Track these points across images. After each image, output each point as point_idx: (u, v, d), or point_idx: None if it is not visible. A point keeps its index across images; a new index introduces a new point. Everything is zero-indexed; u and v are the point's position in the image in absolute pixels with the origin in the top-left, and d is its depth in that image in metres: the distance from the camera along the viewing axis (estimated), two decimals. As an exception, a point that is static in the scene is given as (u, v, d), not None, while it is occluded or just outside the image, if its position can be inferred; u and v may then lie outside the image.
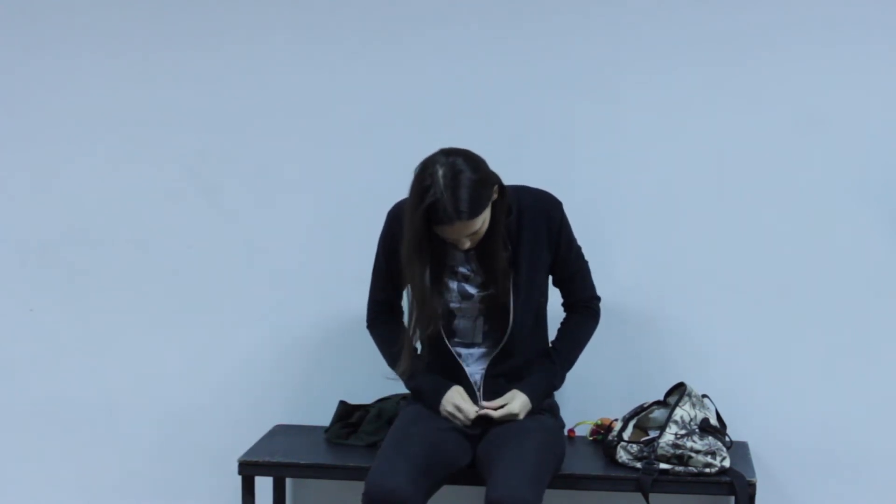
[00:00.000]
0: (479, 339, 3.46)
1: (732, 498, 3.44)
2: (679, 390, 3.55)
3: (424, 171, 3.18)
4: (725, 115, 3.72)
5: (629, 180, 3.77)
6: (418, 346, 3.43)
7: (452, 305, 3.42)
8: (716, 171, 3.74)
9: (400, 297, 3.51)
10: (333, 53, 3.84)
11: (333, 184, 3.87)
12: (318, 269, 3.89)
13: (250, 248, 3.92)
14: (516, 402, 3.39)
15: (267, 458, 3.55)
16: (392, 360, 3.48)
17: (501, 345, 3.41)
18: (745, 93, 3.71)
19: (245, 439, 3.77)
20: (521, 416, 3.39)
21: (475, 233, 3.24)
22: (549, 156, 3.76)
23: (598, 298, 3.54)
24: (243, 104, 3.89)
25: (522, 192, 3.40)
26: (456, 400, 3.39)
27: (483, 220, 3.23)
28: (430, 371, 3.45)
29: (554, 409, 3.53)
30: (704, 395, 3.60)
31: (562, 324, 3.54)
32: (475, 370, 3.46)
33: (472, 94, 3.79)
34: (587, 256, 3.50)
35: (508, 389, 3.43)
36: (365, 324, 3.58)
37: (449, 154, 3.20)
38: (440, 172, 3.15)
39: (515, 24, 3.77)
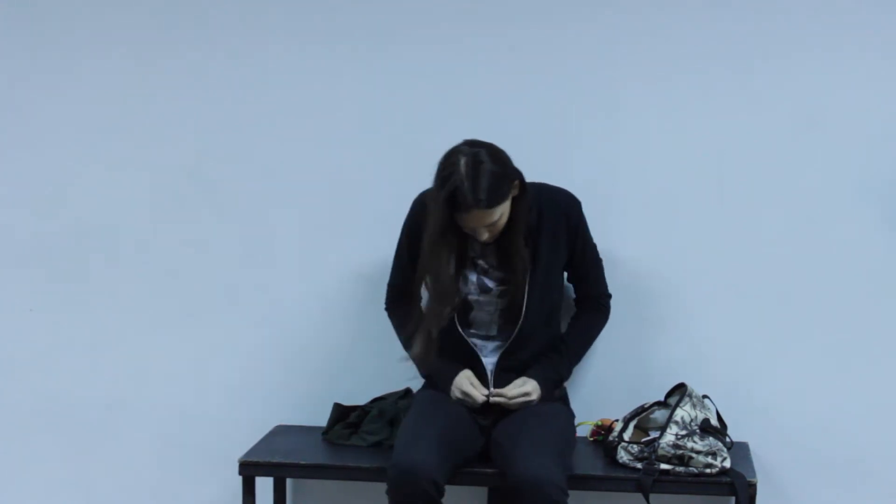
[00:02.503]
0: (493, 332, 3.50)
1: (733, 498, 3.44)
2: (680, 391, 3.55)
3: (447, 160, 3.28)
4: (726, 116, 3.72)
5: (629, 181, 3.77)
6: (434, 331, 3.44)
7: (471, 297, 3.46)
8: (716, 172, 3.74)
9: (418, 284, 3.52)
10: (332, 53, 3.83)
11: (333, 184, 3.86)
12: (318, 269, 3.89)
13: (250, 249, 3.92)
14: (528, 384, 3.44)
15: (267, 459, 3.55)
16: (407, 343, 3.53)
17: (511, 340, 3.45)
18: (746, 93, 3.71)
19: (245, 439, 3.77)
20: (535, 397, 3.43)
21: (494, 224, 3.30)
22: (549, 157, 3.75)
23: (609, 296, 3.60)
24: (243, 105, 3.88)
25: (542, 189, 3.47)
26: (464, 386, 3.44)
27: (502, 213, 3.29)
28: (444, 355, 3.49)
29: (565, 399, 3.59)
30: (705, 396, 3.60)
31: (572, 319, 3.60)
32: (488, 362, 3.50)
33: (471, 94, 3.78)
34: (589, 256, 3.52)
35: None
36: (383, 306, 3.66)
37: (473, 145, 3.30)
38: (462, 161, 3.24)
39: (515, 26, 3.76)
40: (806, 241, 3.72)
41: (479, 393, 3.43)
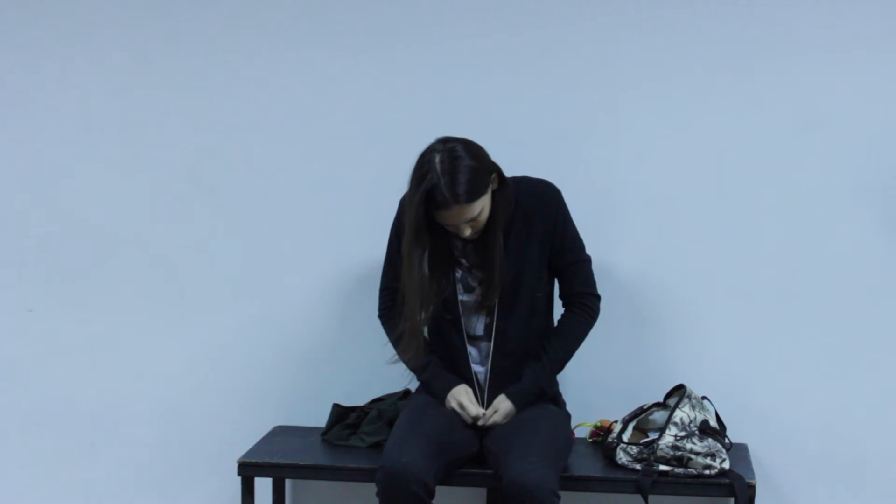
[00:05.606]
0: (480, 331, 3.48)
1: (732, 500, 3.43)
2: (679, 392, 3.55)
3: (423, 158, 3.25)
4: (726, 116, 3.72)
5: (629, 181, 3.76)
6: (425, 333, 3.44)
7: (460, 298, 3.44)
8: (716, 172, 3.74)
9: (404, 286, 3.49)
10: (332, 55, 3.83)
11: (333, 185, 3.86)
12: (318, 270, 3.89)
13: (250, 249, 3.92)
14: (498, 414, 3.43)
15: (266, 459, 3.55)
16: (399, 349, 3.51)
17: (493, 338, 3.44)
18: (746, 94, 3.71)
19: (245, 440, 3.78)
20: (500, 420, 3.43)
21: (474, 220, 3.27)
22: (549, 157, 3.75)
23: (595, 296, 3.51)
24: (243, 106, 3.88)
25: (521, 182, 3.44)
26: (461, 398, 3.43)
27: (482, 207, 3.26)
28: (440, 363, 3.48)
29: (557, 399, 3.56)
30: (704, 397, 3.59)
31: (557, 322, 3.54)
32: (477, 359, 3.49)
33: (470, 95, 3.78)
34: (587, 256, 3.51)
35: (511, 385, 3.45)
36: (377, 314, 3.61)
37: (447, 141, 3.27)
38: (438, 158, 3.21)
39: (515, 27, 3.76)
40: (806, 242, 3.72)
41: (474, 408, 3.42)
